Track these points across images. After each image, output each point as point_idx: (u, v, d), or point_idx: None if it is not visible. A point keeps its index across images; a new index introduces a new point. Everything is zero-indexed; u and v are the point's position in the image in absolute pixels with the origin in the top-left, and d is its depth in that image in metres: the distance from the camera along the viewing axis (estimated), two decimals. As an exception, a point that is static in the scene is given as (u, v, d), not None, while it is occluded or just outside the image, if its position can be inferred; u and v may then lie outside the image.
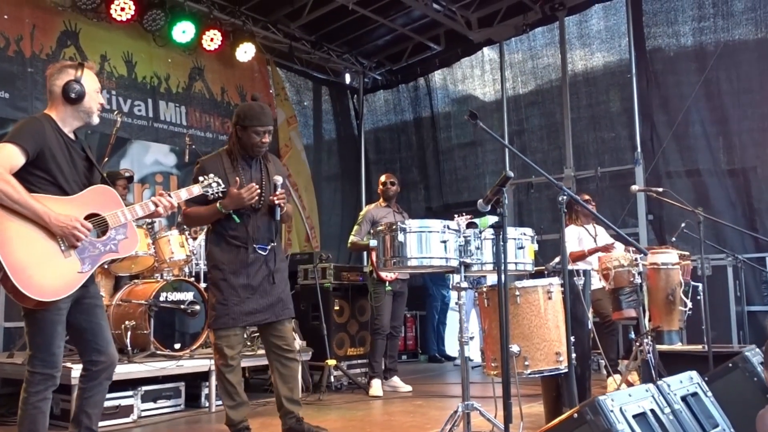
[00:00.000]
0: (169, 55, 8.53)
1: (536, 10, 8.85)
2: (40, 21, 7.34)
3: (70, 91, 3.06)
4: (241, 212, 3.81)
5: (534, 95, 9.25)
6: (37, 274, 2.80)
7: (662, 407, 2.06)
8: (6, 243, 2.77)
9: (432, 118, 10.37)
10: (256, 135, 3.83)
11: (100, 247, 3.03)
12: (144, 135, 8.11)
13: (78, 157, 3.11)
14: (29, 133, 2.93)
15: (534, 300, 3.52)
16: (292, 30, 9.46)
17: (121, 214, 3.11)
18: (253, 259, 3.83)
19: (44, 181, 2.95)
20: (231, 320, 3.79)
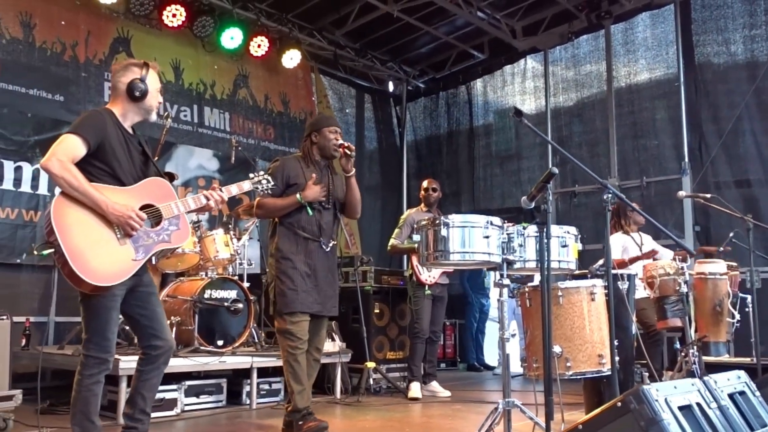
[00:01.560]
0: (215, 62, 8.76)
1: (582, 18, 8.84)
2: (94, 27, 7.62)
3: (134, 89, 3.21)
4: (313, 207, 4.15)
5: (576, 104, 9.21)
6: (94, 260, 2.93)
7: (708, 402, 2.07)
8: (66, 229, 2.91)
9: (470, 126, 10.40)
10: (330, 134, 4.26)
11: (153, 237, 3.15)
12: (189, 140, 8.32)
13: (135, 151, 3.26)
14: (91, 126, 3.07)
15: (577, 301, 3.54)
16: (337, 37, 9.62)
17: (174, 206, 3.24)
18: (320, 252, 4.16)
19: (103, 172, 3.10)
20: (301, 305, 4.04)
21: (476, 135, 10.34)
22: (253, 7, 8.57)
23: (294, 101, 9.68)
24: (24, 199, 6.70)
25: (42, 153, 6.69)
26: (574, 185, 8.92)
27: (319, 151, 4.31)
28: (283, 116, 9.54)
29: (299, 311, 4.05)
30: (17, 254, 6.59)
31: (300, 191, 4.13)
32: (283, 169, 4.22)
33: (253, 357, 5.52)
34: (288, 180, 4.21)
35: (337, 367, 6.18)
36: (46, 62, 7.17)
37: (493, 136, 10.19)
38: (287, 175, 4.22)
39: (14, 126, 6.73)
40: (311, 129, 4.36)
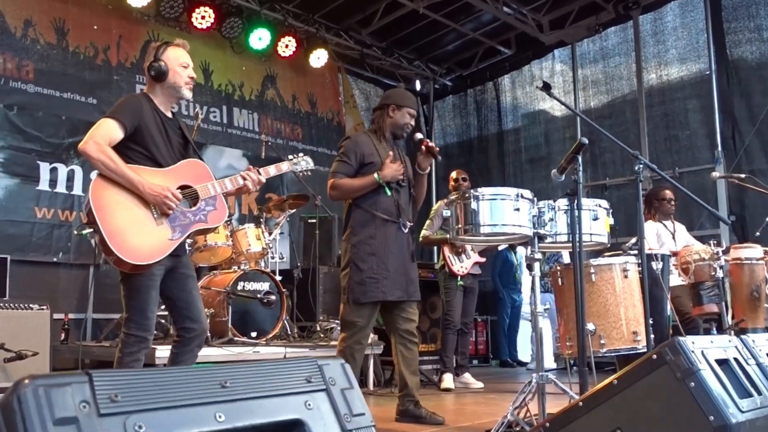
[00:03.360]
0: (243, 63, 8.90)
1: (609, 9, 8.81)
2: (126, 31, 7.81)
3: (150, 70, 3.29)
4: (391, 186, 3.95)
5: (606, 97, 9.17)
6: (131, 239, 3.01)
7: (746, 358, 2.06)
8: (104, 209, 3.00)
9: (500, 127, 10.39)
10: (408, 116, 4.07)
11: (190, 217, 3.22)
12: (218, 140, 8.46)
13: (174, 134, 3.33)
14: (128, 110, 3.16)
15: (609, 278, 3.53)
16: (364, 37, 9.71)
17: (211, 187, 3.30)
18: (400, 234, 3.95)
19: (141, 155, 3.18)
20: (381, 293, 3.84)
21: (506, 137, 10.33)
22: (280, 7, 8.70)
23: (321, 101, 9.78)
24: (60, 200, 6.88)
25: (76, 155, 6.92)
26: (605, 178, 8.86)
27: (391, 127, 4.09)
28: (311, 116, 9.65)
29: (371, 302, 3.86)
30: (54, 253, 6.76)
31: (377, 170, 3.92)
32: (356, 147, 4.00)
33: (287, 348, 5.58)
34: (363, 158, 3.99)
35: (370, 360, 6.22)
36: (80, 66, 7.36)
37: (522, 140, 10.17)
38: (361, 153, 4.00)
39: (49, 128, 6.92)
40: (390, 101, 4.11)
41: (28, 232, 6.63)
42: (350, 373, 1.30)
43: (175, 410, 1.06)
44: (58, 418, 0.98)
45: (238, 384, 1.15)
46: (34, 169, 6.75)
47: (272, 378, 1.21)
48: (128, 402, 1.04)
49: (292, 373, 1.24)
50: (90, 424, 1.00)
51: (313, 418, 1.20)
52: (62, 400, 0.99)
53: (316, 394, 1.23)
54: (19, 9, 6.97)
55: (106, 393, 1.04)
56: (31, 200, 6.69)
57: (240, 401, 1.13)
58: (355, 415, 1.23)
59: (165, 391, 1.08)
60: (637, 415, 1.85)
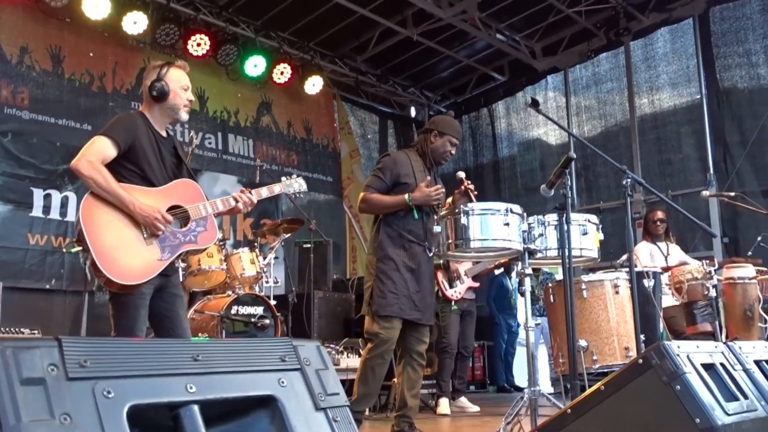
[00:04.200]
0: (239, 90, 9.00)
1: (600, 36, 8.96)
2: (121, 58, 7.90)
3: (152, 90, 3.31)
4: (422, 209, 3.94)
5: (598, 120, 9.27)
6: (120, 259, 3.01)
7: (733, 363, 2.07)
8: (94, 228, 3.00)
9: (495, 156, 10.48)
10: (450, 144, 4.04)
11: (180, 237, 3.22)
12: (214, 166, 8.53)
13: (168, 154, 3.35)
14: (122, 128, 3.18)
15: (601, 294, 3.56)
16: (358, 64, 9.83)
17: (202, 207, 3.31)
18: (424, 257, 3.93)
19: (133, 174, 3.19)
20: (399, 309, 3.82)
21: (501, 164, 10.42)
22: (275, 35, 8.83)
23: (316, 127, 9.87)
24: (53, 226, 6.89)
25: (70, 181, 6.97)
26: (598, 202, 8.91)
27: (432, 152, 4.05)
28: (306, 142, 9.73)
29: (396, 316, 3.82)
30: (47, 279, 6.76)
31: (409, 192, 3.89)
32: (394, 166, 3.99)
33: (280, 372, 5.54)
34: (398, 178, 3.97)
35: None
36: (75, 93, 7.44)
37: (518, 167, 10.26)
38: (397, 172, 3.97)
39: (43, 155, 6.97)
40: (435, 127, 4.08)
41: (21, 258, 6.63)
42: (325, 355, 1.32)
43: (144, 379, 1.08)
44: (25, 378, 1.00)
45: (211, 358, 1.17)
46: (27, 195, 6.78)
47: (246, 355, 1.23)
48: (98, 368, 1.06)
49: (266, 351, 1.26)
50: (58, 386, 1.01)
51: (286, 395, 1.21)
52: (30, 361, 1.01)
53: (291, 372, 1.25)
54: (15, 36, 7.06)
55: (75, 358, 1.05)
56: (25, 226, 6.70)
57: (212, 374, 1.15)
58: (329, 394, 1.24)
59: (136, 360, 1.10)
60: (625, 419, 1.86)
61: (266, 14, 8.58)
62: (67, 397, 1.01)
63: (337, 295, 7.37)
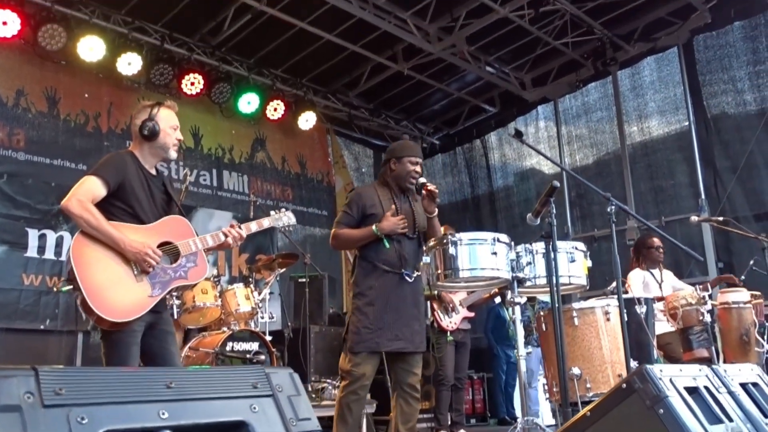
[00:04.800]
0: (233, 127, 9.08)
1: (588, 66, 9.07)
2: (116, 98, 7.99)
3: (143, 129, 3.37)
4: (392, 238, 3.96)
5: (589, 149, 9.36)
6: (111, 296, 3.03)
7: (717, 386, 2.08)
8: (84, 266, 3.03)
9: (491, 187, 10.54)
10: (410, 164, 4.05)
11: (170, 273, 3.25)
12: (208, 203, 8.57)
13: (157, 191, 3.40)
14: (112, 167, 3.23)
15: (592, 321, 3.56)
16: (351, 99, 9.94)
17: (192, 243, 3.35)
18: (402, 285, 3.92)
19: (123, 212, 3.23)
20: (374, 344, 3.81)
21: (497, 195, 10.48)
22: (268, 72, 8.94)
23: (311, 162, 9.94)
24: (48, 266, 6.90)
25: (65, 220, 6.99)
26: (593, 230, 8.95)
27: (395, 180, 4.10)
28: (301, 177, 9.78)
29: (369, 351, 3.82)
30: (41, 320, 6.73)
31: (376, 223, 3.96)
32: (359, 199, 4.09)
33: (276, 408, 5.50)
34: (364, 210, 4.04)
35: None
36: (70, 134, 7.51)
37: (514, 197, 10.31)
38: (363, 204, 4.06)
39: (38, 195, 7.00)
40: (391, 155, 4.16)
41: (16, 299, 6.62)
42: (298, 382, 1.34)
43: (118, 406, 1.10)
44: (2, 405, 1.02)
45: (184, 385, 1.19)
46: (22, 236, 6.79)
47: (218, 382, 1.25)
48: (72, 395, 1.08)
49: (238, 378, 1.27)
50: (33, 413, 1.03)
51: (258, 421, 1.22)
52: (7, 389, 1.03)
53: (263, 399, 1.26)
54: (11, 79, 7.15)
55: (50, 386, 1.07)
56: (19, 267, 6.71)
57: (184, 401, 1.16)
58: (301, 420, 1.26)
59: (110, 388, 1.11)
60: (611, 445, 1.86)
61: (259, 52, 8.71)
62: (42, 423, 1.03)
63: (334, 330, 7.34)
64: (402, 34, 8.11)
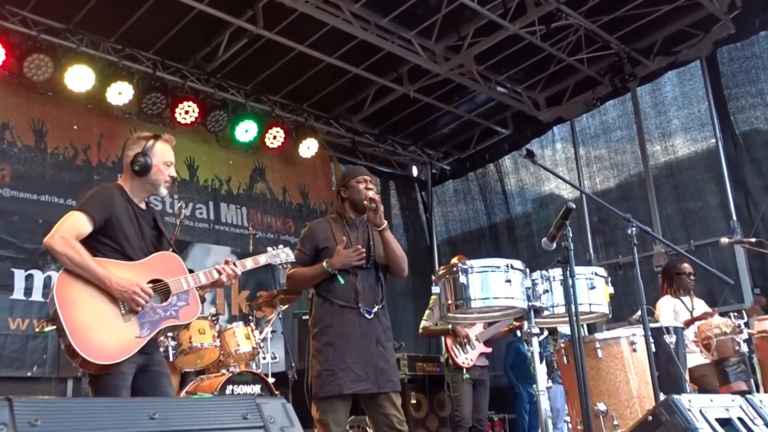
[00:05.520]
0: (230, 156, 9.14)
1: (606, 83, 9.09)
2: (107, 130, 8.06)
3: (135, 163, 3.38)
4: (347, 272, 3.95)
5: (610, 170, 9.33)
6: (96, 337, 3.01)
7: (752, 418, 2.03)
8: (68, 306, 3.02)
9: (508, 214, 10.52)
10: (358, 184, 4.07)
11: (160, 313, 3.23)
12: (205, 237, 8.59)
13: (147, 227, 3.40)
14: (98, 202, 3.24)
15: (617, 353, 3.51)
16: (354, 124, 10.00)
17: (183, 281, 3.33)
18: (361, 321, 3.90)
19: (110, 248, 3.23)
20: (337, 387, 3.77)
21: (516, 223, 10.46)
22: (266, 99, 9.02)
23: (313, 192, 9.97)
24: (35, 309, 6.89)
25: (54, 260, 6.99)
26: (617, 256, 8.88)
27: (351, 207, 4.11)
28: (303, 208, 9.81)
29: (335, 395, 3.76)
30: (28, 366, 6.71)
31: (327, 258, 3.96)
32: (312, 235, 4.11)
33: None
34: (317, 245, 4.06)
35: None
36: (58, 168, 7.57)
37: (533, 224, 10.28)
38: (315, 240, 4.07)
39: (25, 233, 7.02)
40: (339, 185, 4.23)
41: (1, 344, 6.61)
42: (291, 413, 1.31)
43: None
44: None
45: (169, 417, 1.16)
46: (8, 277, 6.81)
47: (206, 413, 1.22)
48: (48, 427, 1.06)
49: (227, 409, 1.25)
50: None
51: None
52: None
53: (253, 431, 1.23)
54: (-4, 112, 7.25)
55: (25, 417, 1.06)
56: (4, 310, 6.71)
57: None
58: None
59: (88, 419, 1.10)
60: (638, 484, 1.81)
61: (256, 78, 8.79)
62: (16, 454, 1.01)
63: (341, 370, 7.26)
64: (407, 54, 8.17)
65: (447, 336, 6.29)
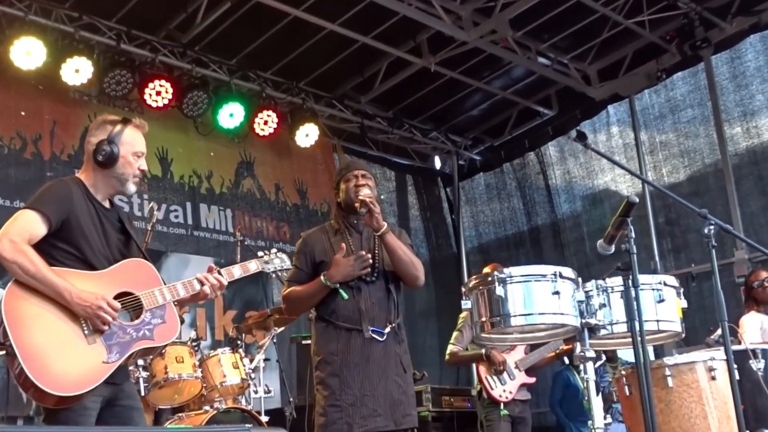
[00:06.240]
0: (211, 148, 9.19)
1: (672, 51, 9.03)
2: (61, 116, 8.12)
3: (98, 152, 3.38)
4: (350, 287, 3.99)
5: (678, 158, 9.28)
6: (54, 363, 3.02)
7: None
8: (20, 326, 3.03)
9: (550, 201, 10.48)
10: (348, 183, 4.14)
11: (131, 333, 3.24)
12: (182, 246, 8.64)
13: (112, 229, 3.42)
14: (54, 199, 3.26)
15: (692, 381, 3.51)
16: (363, 105, 10.02)
17: (158, 294, 3.35)
18: (369, 345, 3.95)
19: (68, 255, 3.24)
20: (346, 425, 3.82)
21: (562, 224, 10.42)
22: (255, 76, 9.04)
23: (313, 190, 10.00)
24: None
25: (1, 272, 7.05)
26: (690, 265, 8.84)
27: (346, 209, 4.17)
28: (301, 210, 9.85)
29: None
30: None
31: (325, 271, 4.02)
32: (305, 246, 4.19)
33: None
34: (314, 258, 4.13)
35: None
36: (3, 163, 7.64)
37: (583, 226, 10.26)
38: (311, 252, 4.15)
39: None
40: (334, 186, 4.28)
41: (-67, 377, 6.66)
42: None
43: None
44: None
45: None
46: (-56, 296, 6.85)
47: None
48: None
49: None
50: None
51: None
52: None
53: None
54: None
55: None
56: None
57: None
58: None
59: None
60: None
61: (242, 51, 8.82)
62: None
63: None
64: (427, 19, 8.17)
65: (480, 363, 6.28)
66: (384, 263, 4.09)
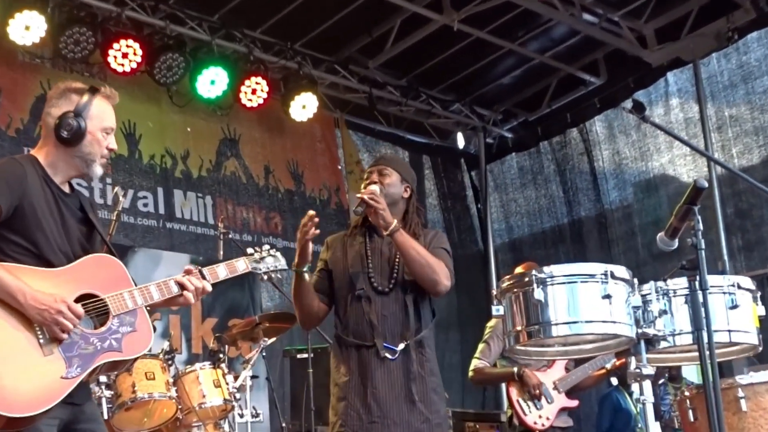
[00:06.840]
0: (188, 122, 9.19)
1: (746, 6, 9.00)
2: (8, 83, 8.12)
3: (62, 127, 3.37)
4: (360, 296, 4.11)
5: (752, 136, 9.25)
6: (3, 379, 3.02)
7: None
8: (-36, 333, 3.05)
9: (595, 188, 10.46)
10: (368, 176, 4.33)
11: (95, 343, 3.24)
12: (153, 240, 8.67)
13: (72, 218, 3.41)
14: (4, 182, 3.24)
15: (770, 404, 3.50)
16: (371, 71, 10.01)
17: (128, 297, 3.35)
18: (382, 364, 4.04)
19: (21, 249, 3.24)
20: None
21: (609, 216, 10.41)
22: (241, 35, 9.03)
23: (310, 173, 10.00)
24: None
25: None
26: (764, 265, 8.83)
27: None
28: (295, 197, 9.87)
29: None
30: None
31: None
32: (325, 252, 4.41)
33: None
34: (327, 266, 4.36)
35: None
36: (-60, 139, 7.65)
37: (635, 218, 10.26)
38: (329, 258, 4.36)
39: None
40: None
41: None
42: None
43: None
44: None
45: None
46: None
47: None
48: None
49: None
50: None
51: None
52: None
53: None
54: None
55: None
56: None
57: None
58: None
59: None
60: None
61: (226, 5, 8.79)
62: None
63: None
64: (449, -34, 8.18)
65: (511, 383, 6.28)
66: (403, 271, 4.16)
